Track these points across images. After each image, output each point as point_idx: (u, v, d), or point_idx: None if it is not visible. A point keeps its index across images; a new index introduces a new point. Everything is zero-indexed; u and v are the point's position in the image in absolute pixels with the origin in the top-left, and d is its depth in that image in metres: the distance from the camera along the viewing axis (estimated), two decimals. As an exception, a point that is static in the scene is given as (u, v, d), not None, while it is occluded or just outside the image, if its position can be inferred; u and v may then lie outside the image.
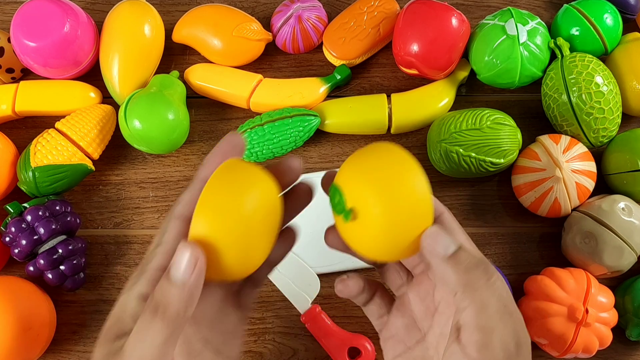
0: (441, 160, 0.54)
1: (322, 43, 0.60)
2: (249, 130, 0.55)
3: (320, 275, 0.55)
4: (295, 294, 0.53)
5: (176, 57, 0.61)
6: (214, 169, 0.32)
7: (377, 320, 0.40)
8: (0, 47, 0.57)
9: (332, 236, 0.37)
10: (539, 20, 0.56)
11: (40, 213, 0.51)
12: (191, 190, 0.33)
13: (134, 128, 0.53)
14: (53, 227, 0.51)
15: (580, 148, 0.53)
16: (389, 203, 0.31)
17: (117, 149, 0.58)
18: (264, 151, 0.55)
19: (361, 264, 0.55)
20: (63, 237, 0.53)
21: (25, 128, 0.59)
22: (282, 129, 0.55)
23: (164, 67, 0.60)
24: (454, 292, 0.33)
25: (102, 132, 0.55)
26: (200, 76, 0.58)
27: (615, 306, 0.52)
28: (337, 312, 0.55)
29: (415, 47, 0.55)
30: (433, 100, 0.57)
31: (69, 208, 0.54)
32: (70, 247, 0.52)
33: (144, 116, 0.53)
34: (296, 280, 0.54)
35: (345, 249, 0.38)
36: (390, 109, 0.57)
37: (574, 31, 0.56)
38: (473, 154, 0.52)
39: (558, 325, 0.49)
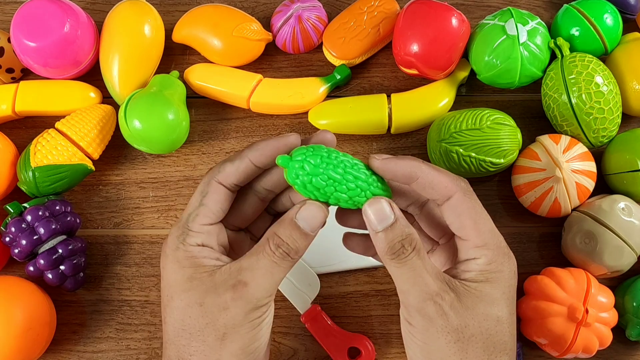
0: (441, 160, 0.54)
1: (322, 43, 0.60)
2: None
3: (320, 275, 0.55)
4: (295, 294, 0.53)
5: (176, 57, 0.61)
6: (260, 154, 0.39)
7: None
8: (0, 47, 0.57)
9: (351, 241, 0.43)
10: (539, 20, 0.56)
11: (40, 213, 0.51)
12: (236, 164, 0.39)
13: (134, 128, 0.53)
14: (53, 227, 0.51)
15: (580, 148, 0.53)
16: None
17: (117, 149, 0.58)
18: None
19: (361, 264, 0.55)
20: (63, 237, 0.53)
21: (25, 128, 0.59)
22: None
23: (164, 67, 0.60)
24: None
25: (102, 132, 0.55)
26: (200, 76, 0.58)
27: (615, 306, 0.52)
28: (337, 312, 0.55)
29: (415, 47, 0.55)
30: (433, 100, 0.57)
31: (69, 208, 0.54)
32: (70, 247, 0.52)
33: (144, 116, 0.53)
34: (296, 280, 0.54)
35: (364, 251, 0.43)
36: (390, 109, 0.57)
37: (574, 31, 0.56)
38: (473, 154, 0.52)
39: (558, 325, 0.49)
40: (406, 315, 0.37)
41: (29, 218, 0.51)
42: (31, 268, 0.52)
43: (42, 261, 0.51)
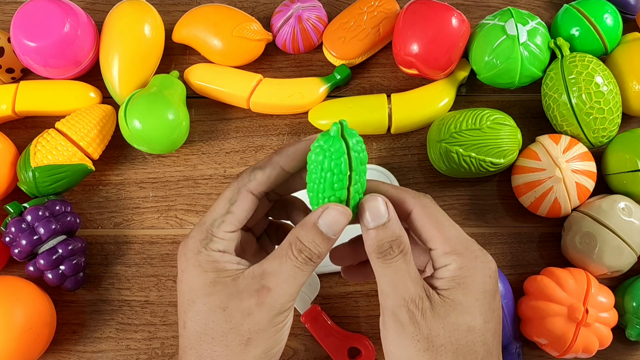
0: (441, 160, 0.54)
1: (322, 43, 0.60)
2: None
3: (320, 275, 0.55)
4: (295, 294, 0.53)
5: (176, 57, 0.61)
6: (292, 159, 0.39)
7: None
8: (0, 47, 0.57)
9: (349, 272, 0.44)
10: (539, 20, 0.56)
11: (40, 213, 0.51)
12: (267, 171, 0.39)
13: (134, 128, 0.53)
14: (53, 227, 0.51)
15: (580, 148, 0.53)
16: None
17: (117, 149, 0.58)
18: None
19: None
20: (63, 237, 0.53)
21: (25, 128, 0.59)
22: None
23: (164, 67, 0.60)
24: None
25: (102, 132, 0.56)
26: (200, 76, 0.58)
27: (615, 306, 0.52)
28: (337, 312, 0.55)
29: (415, 47, 0.55)
30: (433, 100, 0.57)
31: (69, 208, 0.54)
32: (70, 247, 0.52)
33: (144, 116, 0.53)
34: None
35: (365, 278, 0.44)
36: (390, 109, 0.57)
37: (574, 31, 0.56)
38: (473, 154, 0.52)
39: (558, 325, 0.49)
40: (382, 317, 0.38)
41: (29, 218, 0.51)
42: (31, 268, 0.52)
43: (42, 261, 0.51)
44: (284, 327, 0.38)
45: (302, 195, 0.43)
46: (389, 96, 0.58)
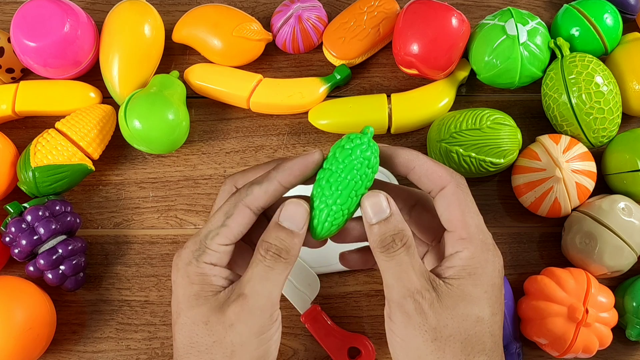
0: (441, 160, 0.54)
1: (322, 43, 0.60)
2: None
3: (320, 275, 0.55)
4: (295, 294, 0.53)
5: (176, 57, 0.61)
6: (289, 174, 0.38)
7: None
8: (0, 47, 0.57)
9: (347, 259, 0.44)
10: (539, 20, 0.56)
11: (40, 213, 0.51)
12: (264, 186, 0.38)
13: (134, 128, 0.53)
14: (53, 227, 0.51)
15: (580, 148, 0.53)
16: None
17: (117, 149, 0.58)
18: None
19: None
20: (63, 237, 0.53)
21: (25, 128, 0.59)
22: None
23: (164, 67, 0.60)
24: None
25: (102, 132, 0.56)
26: (200, 76, 0.58)
27: (615, 306, 0.52)
28: (337, 312, 0.55)
29: (415, 47, 0.55)
30: (433, 100, 0.57)
31: (69, 208, 0.54)
32: (70, 247, 0.52)
33: (144, 116, 0.53)
34: (296, 280, 0.54)
35: (363, 265, 0.44)
36: (390, 109, 0.57)
37: (574, 31, 0.56)
38: (473, 154, 0.52)
39: (558, 325, 0.49)
40: (388, 310, 0.38)
41: (29, 218, 0.51)
42: (31, 268, 0.52)
43: (42, 261, 0.51)
44: (269, 341, 0.38)
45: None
46: (389, 96, 0.58)
